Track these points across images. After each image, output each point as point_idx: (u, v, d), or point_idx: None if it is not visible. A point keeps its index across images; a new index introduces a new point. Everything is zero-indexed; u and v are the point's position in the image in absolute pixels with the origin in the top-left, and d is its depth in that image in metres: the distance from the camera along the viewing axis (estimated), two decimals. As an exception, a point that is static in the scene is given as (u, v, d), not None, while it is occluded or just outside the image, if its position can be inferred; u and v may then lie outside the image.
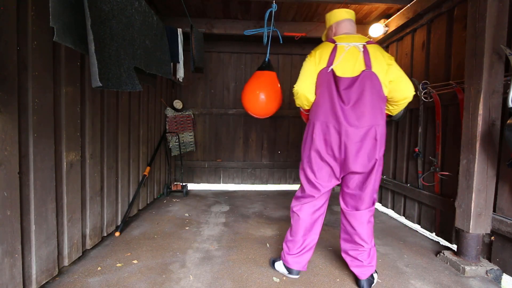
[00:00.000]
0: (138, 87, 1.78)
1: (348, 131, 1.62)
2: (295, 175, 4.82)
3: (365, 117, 1.62)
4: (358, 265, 1.77)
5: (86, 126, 2.04)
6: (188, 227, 2.77)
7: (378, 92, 1.64)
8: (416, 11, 2.85)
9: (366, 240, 1.74)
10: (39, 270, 1.60)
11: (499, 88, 1.93)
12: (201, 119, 4.66)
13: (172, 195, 4.03)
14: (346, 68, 1.67)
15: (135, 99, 2.93)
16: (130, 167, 2.84)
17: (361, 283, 1.76)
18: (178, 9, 3.39)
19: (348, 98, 1.63)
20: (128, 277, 1.83)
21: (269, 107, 2.70)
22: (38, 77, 1.53)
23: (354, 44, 1.70)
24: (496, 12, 1.89)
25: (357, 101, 1.62)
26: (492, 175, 1.98)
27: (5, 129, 1.34)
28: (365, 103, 1.61)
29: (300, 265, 1.85)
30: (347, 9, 1.86)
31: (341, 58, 1.68)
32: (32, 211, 1.53)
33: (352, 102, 1.62)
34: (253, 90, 2.69)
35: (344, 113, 1.63)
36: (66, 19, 1.27)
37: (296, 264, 1.84)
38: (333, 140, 1.67)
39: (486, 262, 2.05)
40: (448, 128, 2.56)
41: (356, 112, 1.62)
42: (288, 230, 1.93)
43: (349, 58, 1.67)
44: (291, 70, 4.69)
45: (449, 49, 2.57)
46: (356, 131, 1.62)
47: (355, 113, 1.62)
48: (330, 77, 1.67)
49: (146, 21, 2.11)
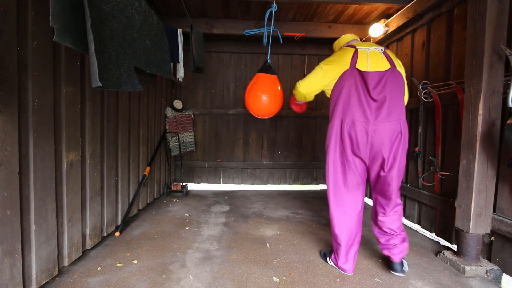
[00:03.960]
0: (138, 87, 1.79)
1: (376, 127, 1.71)
2: (295, 175, 4.82)
3: (393, 113, 1.71)
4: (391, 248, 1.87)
5: (86, 126, 2.04)
6: (188, 227, 2.77)
7: (401, 89, 1.77)
8: (416, 11, 2.85)
9: (397, 230, 1.85)
10: (39, 270, 1.60)
11: (499, 88, 1.93)
12: (201, 119, 4.66)
13: (172, 195, 4.03)
14: (371, 65, 1.77)
15: (135, 99, 2.93)
16: (130, 167, 2.84)
17: (394, 266, 1.87)
18: (178, 9, 3.39)
19: (377, 95, 1.71)
20: (128, 277, 1.83)
21: (272, 108, 2.81)
22: (38, 77, 1.53)
23: (373, 48, 1.84)
24: (496, 12, 1.89)
25: (386, 98, 1.70)
26: (492, 175, 1.98)
27: (5, 129, 1.34)
28: (393, 99, 1.71)
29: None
30: (352, 34, 2.11)
31: (365, 59, 1.79)
32: (32, 211, 1.53)
33: (381, 98, 1.71)
34: (256, 92, 2.77)
35: (372, 110, 1.72)
36: (66, 19, 1.27)
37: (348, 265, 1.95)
38: (360, 138, 1.74)
39: (486, 262, 2.05)
40: (448, 128, 2.56)
41: (384, 109, 1.70)
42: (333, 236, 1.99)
43: (373, 58, 1.79)
44: (291, 70, 4.69)
45: (449, 49, 2.57)
46: (384, 127, 1.70)
47: (383, 110, 1.70)
48: (356, 76, 1.76)
49: (146, 21, 2.11)
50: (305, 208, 3.56)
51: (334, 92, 1.87)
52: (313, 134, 4.80)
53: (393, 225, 1.84)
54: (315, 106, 4.75)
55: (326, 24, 3.76)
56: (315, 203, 3.84)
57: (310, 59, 4.69)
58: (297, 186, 4.92)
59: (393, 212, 1.84)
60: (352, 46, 1.87)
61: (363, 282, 1.86)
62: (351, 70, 1.77)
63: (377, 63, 1.77)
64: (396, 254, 1.85)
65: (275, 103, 2.75)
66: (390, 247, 1.87)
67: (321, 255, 2.18)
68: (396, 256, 1.85)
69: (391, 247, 1.86)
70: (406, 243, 1.87)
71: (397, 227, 1.85)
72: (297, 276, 1.90)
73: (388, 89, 1.71)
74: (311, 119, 4.77)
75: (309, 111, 4.70)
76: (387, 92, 1.71)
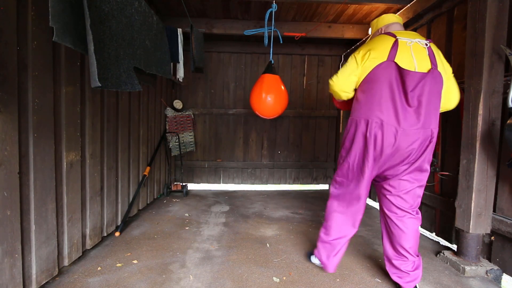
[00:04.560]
0: (137, 87, 1.79)
1: (407, 134, 1.51)
2: (295, 175, 4.82)
3: (427, 120, 1.53)
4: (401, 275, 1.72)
5: (86, 126, 2.04)
6: (188, 227, 2.77)
7: (439, 93, 1.56)
8: (416, 11, 2.85)
9: (410, 251, 1.66)
10: (39, 270, 1.60)
11: (499, 88, 1.93)
12: (201, 119, 4.66)
13: (172, 195, 4.03)
14: (413, 63, 1.52)
15: (135, 99, 2.93)
16: (130, 167, 2.84)
17: None
18: (178, 9, 3.39)
19: (414, 99, 1.50)
20: (128, 277, 1.83)
21: (277, 108, 2.92)
22: (38, 77, 1.53)
23: (417, 40, 1.58)
24: (496, 12, 1.89)
25: (422, 103, 1.50)
26: (492, 175, 1.98)
27: (5, 129, 1.34)
28: (429, 105, 1.52)
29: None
30: (395, 14, 1.78)
31: (406, 52, 1.54)
32: (32, 211, 1.53)
33: (417, 103, 1.50)
34: (260, 93, 2.87)
35: (405, 114, 1.51)
36: (65, 19, 1.27)
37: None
38: (386, 141, 1.53)
39: (486, 262, 2.05)
40: (448, 128, 2.56)
41: (418, 114, 1.51)
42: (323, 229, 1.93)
43: (417, 54, 1.54)
44: (291, 70, 4.69)
45: (449, 49, 2.56)
46: (414, 133, 1.52)
47: (417, 115, 1.51)
48: (393, 72, 1.52)
49: (146, 21, 2.11)
50: (305, 208, 3.55)
51: (364, 85, 1.61)
52: (313, 134, 4.80)
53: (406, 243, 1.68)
54: (315, 106, 4.75)
55: (326, 24, 3.76)
56: (315, 203, 3.84)
57: (310, 59, 4.69)
58: (297, 186, 4.92)
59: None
60: (391, 35, 1.60)
61: (363, 282, 1.86)
62: (389, 64, 1.52)
63: (420, 60, 1.52)
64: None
65: (283, 102, 2.85)
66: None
67: (308, 256, 2.15)
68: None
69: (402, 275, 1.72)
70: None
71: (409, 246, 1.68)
72: (297, 276, 1.90)
73: (426, 94, 1.49)
74: (311, 119, 4.76)
75: (309, 111, 4.70)
76: (425, 97, 1.49)
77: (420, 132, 1.53)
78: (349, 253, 2.27)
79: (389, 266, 1.77)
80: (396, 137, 1.52)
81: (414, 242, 1.67)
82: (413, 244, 1.66)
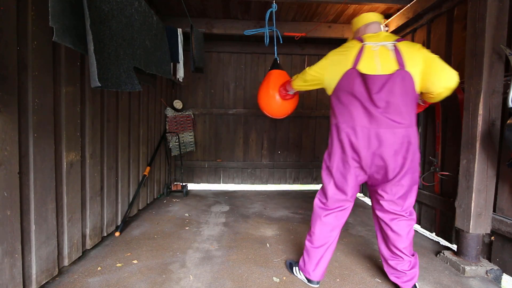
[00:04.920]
0: (137, 87, 1.79)
1: (380, 134, 1.54)
2: (295, 175, 4.82)
3: (399, 120, 1.53)
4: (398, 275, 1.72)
5: (86, 126, 2.04)
6: (188, 227, 2.77)
7: (411, 93, 1.53)
8: (416, 11, 2.85)
9: (405, 251, 1.67)
10: (39, 270, 1.60)
11: (499, 88, 1.93)
12: (201, 119, 4.66)
13: (172, 195, 4.03)
14: (375, 67, 1.55)
15: (135, 99, 2.93)
16: (130, 167, 2.84)
17: None
18: (178, 9, 3.39)
19: (380, 101, 1.53)
20: (128, 277, 1.83)
21: (287, 107, 2.56)
22: (38, 77, 1.53)
23: (383, 43, 1.59)
24: (496, 12, 1.89)
25: (390, 103, 1.52)
26: (492, 175, 1.98)
27: (5, 129, 1.34)
28: (399, 105, 1.52)
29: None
30: (375, 12, 1.78)
31: (370, 58, 1.58)
32: (32, 211, 1.53)
33: (384, 104, 1.53)
34: (268, 90, 2.51)
35: (375, 116, 1.54)
36: (65, 19, 1.27)
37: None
38: (361, 144, 1.57)
39: (486, 262, 2.05)
40: (448, 128, 2.56)
41: (388, 114, 1.53)
42: (308, 239, 1.85)
43: (380, 57, 1.57)
44: (291, 70, 4.69)
45: (449, 49, 2.57)
46: (388, 135, 1.53)
47: (387, 115, 1.53)
48: (357, 78, 1.56)
49: (146, 21, 2.11)
50: (305, 208, 3.55)
51: (335, 93, 1.69)
52: (313, 134, 4.80)
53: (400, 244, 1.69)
54: (315, 106, 4.75)
55: (326, 24, 3.76)
56: (315, 203, 3.84)
57: (310, 59, 4.69)
58: (297, 186, 4.92)
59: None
60: (359, 39, 1.64)
61: (363, 282, 1.86)
62: (352, 71, 1.58)
63: (385, 63, 1.55)
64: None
65: (294, 99, 2.54)
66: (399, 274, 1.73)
67: (287, 266, 2.02)
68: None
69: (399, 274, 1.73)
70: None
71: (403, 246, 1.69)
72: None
73: (394, 94, 1.51)
74: (311, 119, 4.77)
75: (309, 111, 4.71)
76: (393, 97, 1.51)
77: (395, 132, 1.54)
78: (349, 253, 2.27)
79: (386, 266, 1.79)
80: (370, 138, 1.56)
81: (409, 242, 1.69)
82: (407, 244, 1.68)
